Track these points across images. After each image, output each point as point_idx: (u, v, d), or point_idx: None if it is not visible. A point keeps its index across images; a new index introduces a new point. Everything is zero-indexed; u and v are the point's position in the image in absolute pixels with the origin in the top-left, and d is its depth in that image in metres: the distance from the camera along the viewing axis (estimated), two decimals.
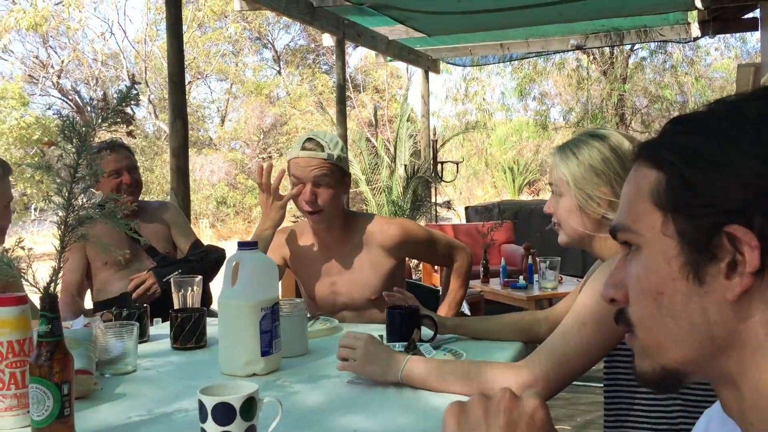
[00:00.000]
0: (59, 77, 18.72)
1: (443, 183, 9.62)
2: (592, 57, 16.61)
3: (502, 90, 18.96)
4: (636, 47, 15.70)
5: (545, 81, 18.44)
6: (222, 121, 21.34)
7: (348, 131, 7.14)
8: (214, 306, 2.63)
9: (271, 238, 2.25)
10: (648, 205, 0.67)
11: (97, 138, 1.34)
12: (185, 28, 13.45)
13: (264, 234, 2.23)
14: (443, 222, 10.17)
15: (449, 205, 9.46)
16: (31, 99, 17.31)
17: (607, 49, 15.90)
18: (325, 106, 14.87)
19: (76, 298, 2.68)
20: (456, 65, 10.31)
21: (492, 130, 20.08)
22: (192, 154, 12.46)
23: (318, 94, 20.06)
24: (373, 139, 14.27)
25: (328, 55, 20.10)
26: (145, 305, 2.01)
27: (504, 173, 18.75)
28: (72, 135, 1.14)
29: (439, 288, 2.59)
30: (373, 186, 8.66)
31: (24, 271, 1.14)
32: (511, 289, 5.05)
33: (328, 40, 6.87)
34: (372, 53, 10.68)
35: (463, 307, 2.54)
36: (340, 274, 2.24)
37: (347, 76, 10.86)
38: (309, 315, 2.08)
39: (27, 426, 1.21)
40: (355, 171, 8.42)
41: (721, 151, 0.62)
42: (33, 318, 1.28)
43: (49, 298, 1.14)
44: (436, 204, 8.87)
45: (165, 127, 16.38)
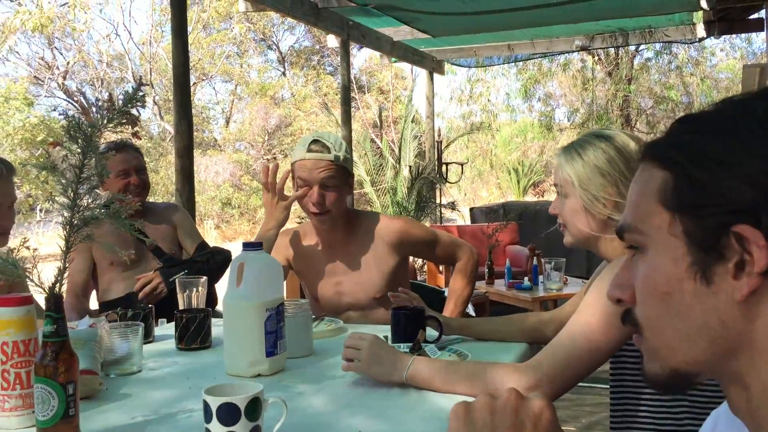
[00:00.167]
0: (64, 79, 18.78)
1: (448, 184, 9.61)
2: (597, 58, 16.59)
3: (506, 91, 18.90)
4: (641, 48, 15.65)
5: (550, 82, 18.40)
6: (227, 123, 21.38)
7: (353, 132, 7.13)
8: (218, 307, 2.63)
9: (275, 238, 2.25)
10: (655, 205, 0.66)
11: (103, 139, 1.34)
12: (190, 29, 13.48)
13: (268, 234, 2.23)
14: (448, 223, 10.17)
15: (454, 206, 9.44)
16: (37, 100, 17.37)
17: (612, 50, 15.86)
18: (330, 107, 14.87)
19: (81, 298, 2.68)
20: (461, 66, 10.31)
21: (497, 131, 20.05)
22: (197, 155, 12.46)
23: (323, 95, 20.08)
24: (378, 140, 14.29)
25: (332, 57, 20.12)
26: (150, 306, 2.01)
27: (509, 174, 18.72)
28: (77, 135, 1.15)
29: (444, 290, 2.58)
30: (378, 187, 8.65)
31: (29, 272, 1.14)
32: (516, 291, 5.05)
33: (332, 41, 6.87)
34: (377, 54, 10.69)
35: (468, 309, 2.53)
36: (344, 274, 2.24)
37: (352, 77, 10.85)
38: (314, 316, 2.08)
39: (32, 426, 1.21)
40: (360, 172, 8.42)
41: (728, 151, 0.62)
42: (38, 318, 1.28)
43: (54, 298, 1.15)
44: (440, 205, 8.85)
45: (170, 129, 16.40)
